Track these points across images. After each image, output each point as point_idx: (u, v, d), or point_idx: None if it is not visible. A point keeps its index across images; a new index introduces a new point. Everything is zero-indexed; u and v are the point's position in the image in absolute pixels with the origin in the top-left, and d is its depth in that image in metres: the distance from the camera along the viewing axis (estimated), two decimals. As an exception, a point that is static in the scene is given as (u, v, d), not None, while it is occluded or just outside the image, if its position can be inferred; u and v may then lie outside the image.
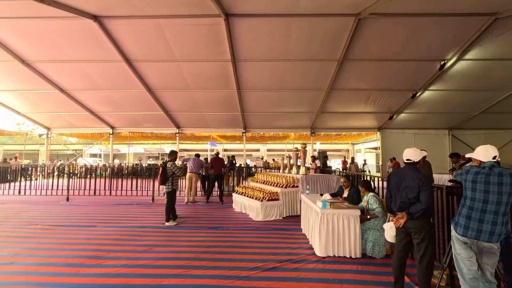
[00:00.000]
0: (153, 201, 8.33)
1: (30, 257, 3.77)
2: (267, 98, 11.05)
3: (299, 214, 6.27)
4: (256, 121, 13.43)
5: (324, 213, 3.88)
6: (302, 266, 3.55)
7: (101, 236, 4.78)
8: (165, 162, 5.75)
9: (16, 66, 9.20)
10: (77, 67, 9.33)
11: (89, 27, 7.30)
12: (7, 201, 8.30)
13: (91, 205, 7.62)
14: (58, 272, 3.30)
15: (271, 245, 4.38)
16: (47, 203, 7.90)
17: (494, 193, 2.16)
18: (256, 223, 5.84)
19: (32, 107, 12.46)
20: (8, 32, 7.82)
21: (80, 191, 9.46)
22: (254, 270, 3.40)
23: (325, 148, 26.31)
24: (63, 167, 14.75)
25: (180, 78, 9.77)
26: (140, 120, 13.62)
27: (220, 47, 7.96)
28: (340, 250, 3.85)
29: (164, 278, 3.16)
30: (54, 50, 8.45)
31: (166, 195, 5.67)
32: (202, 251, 4.06)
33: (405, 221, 2.72)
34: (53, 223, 5.61)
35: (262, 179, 7.67)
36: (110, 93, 11.05)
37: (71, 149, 25.87)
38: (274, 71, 9.18)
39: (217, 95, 10.90)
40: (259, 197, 6.27)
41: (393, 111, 11.69)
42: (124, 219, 6.01)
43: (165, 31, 7.43)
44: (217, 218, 6.29)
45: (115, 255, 3.86)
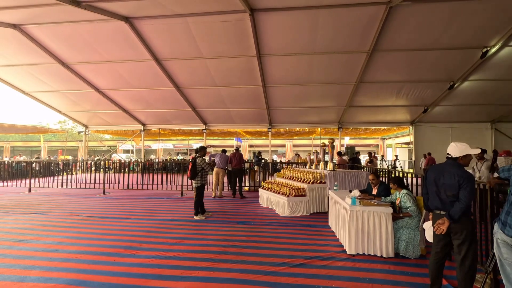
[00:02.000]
0: (182, 195, 8.60)
1: (72, 246, 4.06)
2: (293, 92, 10.89)
3: (326, 210, 6.16)
4: (281, 117, 13.32)
5: (354, 210, 3.76)
6: (330, 263, 3.48)
7: (135, 227, 5.02)
8: (195, 157, 5.89)
9: (57, 68, 9.88)
10: (110, 67, 9.81)
11: (121, 28, 7.63)
12: (51, 193, 9.00)
13: (125, 198, 8.04)
14: (97, 260, 3.52)
15: (298, 241, 4.34)
16: (86, 196, 8.45)
17: None
18: (283, 218, 5.82)
19: (72, 106, 13.33)
20: (49, 36, 8.39)
21: (114, 185, 10.00)
22: (282, 266, 3.39)
23: (354, 143, 25.55)
24: (100, 162, 15.67)
25: (207, 75, 9.93)
26: (169, 117, 14.06)
27: (246, 42, 7.95)
28: (371, 248, 3.71)
29: (193, 270, 3.25)
30: (90, 51, 8.95)
31: (195, 190, 5.82)
32: (229, 245, 4.12)
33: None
34: (92, 215, 5.99)
35: (289, 174, 7.61)
36: (141, 92, 11.51)
37: (106, 145, 27.43)
38: (299, 65, 9.02)
39: (242, 91, 10.94)
40: (285, 192, 6.23)
41: (428, 103, 11.00)
42: (155, 212, 6.27)
43: (192, 29, 7.56)
44: (243, 212, 6.35)
45: (147, 246, 4.03)
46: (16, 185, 10.48)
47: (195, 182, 5.81)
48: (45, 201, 7.55)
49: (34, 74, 10.55)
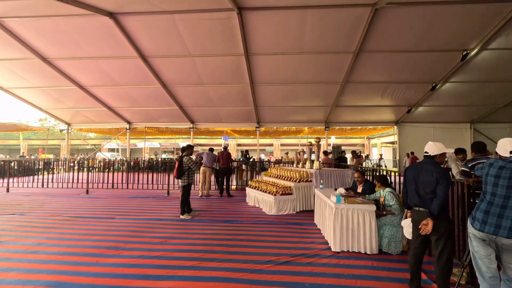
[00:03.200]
0: (168, 194, 8.50)
1: (53, 247, 3.94)
2: (281, 92, 10.96)
3: (312, 208, 6.23)
4: (269, 116, 13.38)
5: (339, 207, 3.82)
6: (315, 260, 3.53)
7: (119, 227, 4.93)
8: (181, 156, 5.82)
9: (37, 64, 9.54)
10: (95, 64, 9.55)
11: (105, 24, 7.44)
12: (31, 193, 8.70)
13: (109, 198, 7.87)
14: (79, 261, 3.43)
15: (284, 239, 4.38)
16: (68, 196, 8.22)
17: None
18: (270, 217, 5.85)
19: (54, 103, 12.91)
20: (29, 30, 8.09)
21: (99, 184, 9.77)
22: (267, 263, 3.41)
23: (340, 143, 25.94)
24: (83, 161, 15.27)
25: (194, 73, 9.83)
26: (155, 115, 13.86)
27: (233, 41, 7.93)
28: (355, 245, 3.79)
29: (179, 270, 3.22)
30: (73, 47, 8.69)
31: (181, 189, 5.76)
32: (216, 243, 4.11)
33: (423, 216, 2.62)
34: (74, 215, 5.83)
35: (276, 173, 7.65)
36: (126, 89, 11.28)
37: (90, 144, 26.74)
38: (287, 65, 9.08)
39: (230, 89, 10.91)
40: (272, 191, 6.27)
41: (412, 104, 11.32)
42: (140, 212, 6.17)
43: (179, 27, 7.47)
44: (230, 211, 6.34)
45: (132, 246, 3.97)
46: (-6, 185, 10.07)
47: (181, 181, 5.76)
48: (24, 201, 7.29)
49: (13, 69, 10.15)
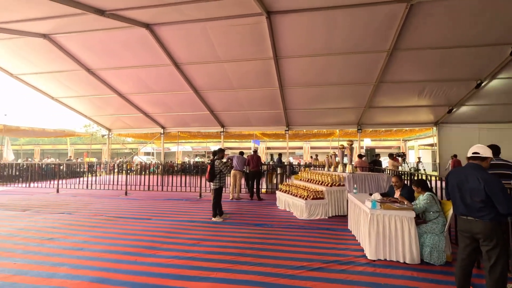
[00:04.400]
0: (200, 197, 8.72)
1: (97, 245, 4.22)
2: (310, 94, 10.80)
3: (345, 214, 6.04)
4: (299, 118, 13.23)
5: (374, 213, 3.66)
6: (350, 268, 3.41)
7: (155, 228, 5.15)
8: (213, 160, 5.96)
9: (83, 75, 10.36)
10: (133, 73, 10.15)
11: (142, 35, 7.89)
12: (77, 194, 9.42)
13: (146, 200, 8.26)
14: (120, 259, 3.64)
15: (316, 244, 4.28)
16: (109, 197, 8.77)
17: None
18: (301, 221, 5.76)
19: (96, 110, 13.91)
20: (76, 44, 8.82)
21: (136, 186, 10.31)
22: (300, 269, 3.35)
23: (374, 145, 24.93)
24: (122, 164, 16.22)
25: (224, 78, 10.05)
26: (188, 120, 14.34)
27: (262, 45, 7.98)
28: (393, 253, 3.60)
29: (212, 271, 3.28)
30: (114, 58, 9.32)
31: (213, 192, 5.89)
32: (247, 247, 4.13)
33: (471, 225, 2.41)
34: (115, 215, 6.20)
35: (306, 177, 7.53)
36: (161, 96, 11.82)
37: (128, 148, 28.38)
38: (317, 66, 8.94)
39: (260, 93, 10.97)
40: (303, 195, 6.17)
41: (453, 103, 10.55)
42: (174, 213, 6.40)
43: (210, 34, 7.69)
44: (261, 215, 6.34)
45: (167, 247, 4.12)
46: (45, 186, 11.06)
47: (213, 184, 5.88)
48: (72, 201, 7.91)
49: (62, 80, 11.11)
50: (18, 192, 10.01)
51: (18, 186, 11.55)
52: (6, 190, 10.55)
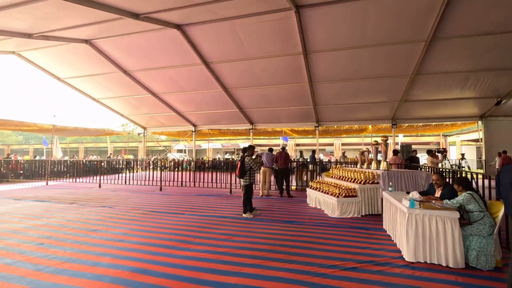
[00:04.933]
0: (230, 193, 8.87)
1: (135, 237, 4.47)
2: (341, 89, 10.47)
3: (380, 213, 5.81)
4: (329, 114, 12.90)
5: (412, 213, 3.46)
6: (386, 269, 3.26)
7: (188, 223, 5.33)
8: (243, 156, 6.02)
9: (120, 76, 10.97)
10: (165, 73, 10.55)
11: (173, 35, 8.15)
12: (117, 189, 10.04)
13: (179, 195, 8.58)
14: (156, 252, 3.82)
15: (349, 243, 4.16)
16: (145, 192, 9.24)
17: None
18: (332, 219, 5.63)
19: (132, 110, 14.69)
20: (113, 48, 9.35)
21: (170, 182, 10.75)
22: (332, 268, 3.28)
23: (410, 141, 23.63)
24: (156, 161, 16.99)
25: (253, 75, 10.09)
26: (217, 117, 14.63)
27: (291, 40, 7.88)
28: (434, 256, 3.38)
29: (243, 267, 3.32)
30: (147, 59, 9.75)
31: (243, 188, 5.95)
32: (278, 244, 4.13)
33: None
34: (151, 209, 6.52)
35: (338, 174, 7.33)
36: (192, 94, 12.17)
37: (162, 145, 29.63)
38: (348, 60, 8.63)
39: (288, 89, 10.87)
40: (335, 193, 6.02)
41: (502, 94, 9.64)
42: (206, 209, 6.57)
43: (238, 31, 7.74)
44: (291, 212, 6.30)
45: (200, 241, 4.25)
46: (89, 181, 11.92)
47: (243, 180, 5.95)
48: (112, 196, 8.45)
49: (102, 82, 11.85)
50: (66, 186, 10.91)
51: (65, 181, 12.58)
52: (56, 184, 11.54)
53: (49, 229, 4.89)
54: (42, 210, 6.39)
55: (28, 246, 4.00)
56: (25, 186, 10.94)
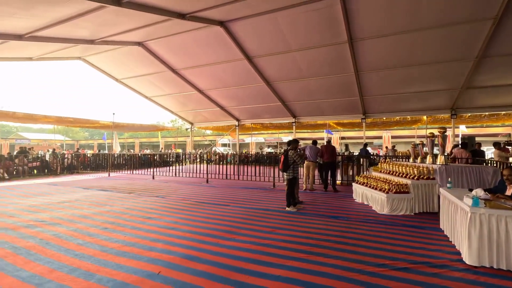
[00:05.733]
0: (274, 186, 8.92)
1: (185, 226, 4.76)
2: (391, 78, 9.77)
3: (436, 211, 5.35)
4: (377, 105, 12.15)
5: (476, 212, 3.12)
6: (444, 272, 3.00)
7: (233, 214, 5.51)
8: (287, 150, 6.00)
9: (169, 75, 11.65)
10: (209, 70, 10.93)
11: (217, 32, 8.37)
12: (168, 180, 10.77)
13: (224, 187, 8.89)
14: (204, 240, 4.02)
15: (400, 242, 3.91)
16: (193, 184, 9.76)
17: None
18: (381, 216, 5.34)
19: (180, 106, 15.54)
20: (163, 48, 9.94)
21: (215, 175, 11.19)
22: (381, 267, 3.12)
23: (473, 133, 21.18)
24: (203, 155, 17.79)
25: (295, 68, 9.93)
26: (260, 112, 14.75)
27: (335, 29, 7.55)
28: (502, 261, 3.01)
29: (288, 260, 3.33)
30: (193, 57, 10.19)
31: (287, 182, 5.94)
32: (322, 238, 4.05)
33: None
34: (198, 200, 6.87)
35: (388, 169, 6.90)
36: (235, 90, 12.43)
37: (208, 140, 30.90)
38: (399, 46, 8.00)
39: (332, 80, 10.48)
40: (384, 188, 5.69)
41: None
42: (250, 201, 6.71)
43: (280, 24, 7.66)
44: (336, 207, 6.12)
45: (245, 232, 4.36)
46: (144, 173, 12.98)
47: (286, 174, 5.93)
48: (164, 187, 9.09)
49: (153, 81, 12.72)
50: (124, 177, 12.03)
51: (123, 173, 13.87)
52: (116, 175, 12.79)
53: (112, 215, 5.45)
54: (106, 198, 7.15)
55: (95, 230, 4.52)
56: (91, 177, 12.33)
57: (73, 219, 5.17)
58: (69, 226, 4.69)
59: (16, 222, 4.95)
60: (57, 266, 3.18)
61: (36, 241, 3.99)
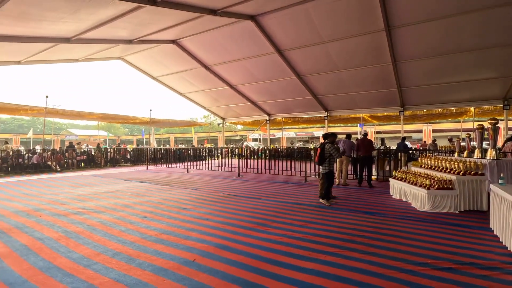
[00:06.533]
0: (305, 181, 8.81)
1: (218, 217, 4.88)
2: (433, 66, 9.09)
3: (484, 209, 4.94)
4: (417, 97, 11.40)
5: (534, 211, 2.80)
6: (494, 275, 2.75)
7: (265, 207, 5.53)
8: (323, 143, 5.89)
9: (201, 71, 11.93)
10: (240, 65, 11.00)
11: (247, 27, 8.38)
12: (201, 174, 11.11)
13: (255, 181, 8.97)
14: (237, 232, 4.10)
15: (443, 241, 3.65)
16: (225, 177, 9.96)
17: None
18: (421, 213, 5.03)
19: (212, 102, 15.87)
20: (195, 45, 10.18)
21: (246, 169, 11.32)
22: (422, 266, 2.94)
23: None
24: (234, 149, 18.07)
25: (327, 60, 9.64)
26: (291, 106, 14.58)
27: (371, 16, 7.18)
28: None
29: (320, 254, 3.28)
30: (224, 53, 10.32)
31: (322, 176, 5.85)
32: (357, 234, 3.92)
33: None
34: (230, 193, 7.01)
35: (429, 163, 6.47)
36: (266, 84, 12.40)
37: (239, 135, 31.32)
38: (443, 31, 7.40)
39: (367, 71, 10.01)
40: (424, 184, 5.35)
41: None
42: (281, 195, 6.70)
43: (312, 15, 7.46)
44: (372, 203, 5.89)
45: (277, 225, 4.37)
46: (179, 166, 13.52)
47: (322, 168, 5.82)
48: (197, 180, 9.40)
49: (186, 78, 13.12)
50: (160, 170, 12.64)
51: (160, 166, 14.57)
52: (154, 168, 13.48)
53: (150, 205, 5.76)
54: (145, 190, 7.57)
55: (136, 218, 4.81)
56: (131, 170, 13.12)
57: (116, 207, 5.55)
58: (112, 214, 5.04)
59: (67, 209, 5.43)
60: (103, 250, 3.43)
61: (84, 226, 4.34)
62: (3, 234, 4.00)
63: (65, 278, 2.72)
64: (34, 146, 24.53)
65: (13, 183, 8.78)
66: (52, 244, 3.62)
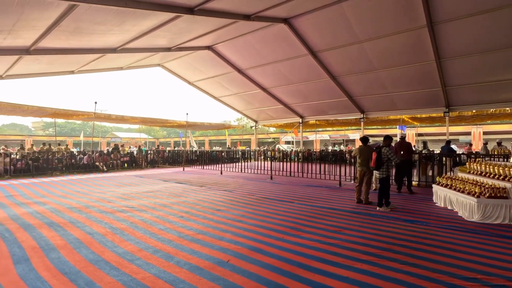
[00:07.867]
0: (340, 185, 8.56)
1: (251, 219, 4.94)
2: (483, 62, 8.35)
3: (548, 222, 4.39)
4: (465, 96, 10.53)
5: None
6: (558, 296, 2.45)
7: (297, 211, 5.48)
8: (380, 147, 5.72)
9: (235, 75, 12.19)
10: (273, 68, 11.05)
11: (280, 30, 8.41)
12: (234, 176, 11.32)
13: (288, 184, 8.92)
14: (269, 235, 4.12)
15: (495, 255, 3.33)
16: (258, 180, 10.04)
17: None
18: (469, 223, 4.64)
19: (245, 105, 16.11)
20: (229, 50, 10.44)
21: (279, 172, 11.30)
22: (470, 281, 2.72)
23: None
24: (267, 152, 18.14)
25: (363, 59, 9.31)
26: (325, 108, 14.28)
27: (411, 12, 6.82)
28: None
29: (355, 261, 3.17)
30: (257, 57, 10.45)
31: (379, 182, 5.71)
32: (396, 243, 3.73)
33: None
34: (263, 196, 7.05)
35: (479, 169, 5.94)
36: (298, 86, 12.30)
37: (272, 137, 31.36)
38: (495, 23, 6.78)
39: (407, 70, 9.48)
40: (473, 191, 4.92)
41: None
42: (315, 200, 6.58)
43: (347, 13, 7.28)
44: (412, 210, 5.56)
45: (310, 230, 4.31)
46: (213, 168, 13.91)
47: (379, 173, 5.65)
48: (231, 182, 9.59)
49: (220, 82, 13.49)
50: (196, 172, 13.10)
51: (195, 167, 15.10)
52: (189, 170, 14.02)
53: (187, 205, 6.01)
54: (181, 190, 7.91)
55: (173, 218, 5.05)
56: (169, 171, 13.78)
57: (155, 207, 5.87)
58: (152, 213, 5.35)
59: (113, 207, 5.87)
60: (144, 246, 3.66)
61: (127, 223, 4.67)
62: (59, 227, 4.44)
63: (112, 271, 2.95)
64: (84, 148, 26.88)
65: (66, 181, 9.70)
66: (100, 238, 3.94)
